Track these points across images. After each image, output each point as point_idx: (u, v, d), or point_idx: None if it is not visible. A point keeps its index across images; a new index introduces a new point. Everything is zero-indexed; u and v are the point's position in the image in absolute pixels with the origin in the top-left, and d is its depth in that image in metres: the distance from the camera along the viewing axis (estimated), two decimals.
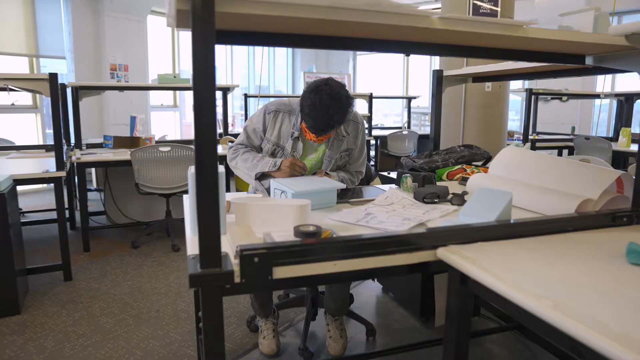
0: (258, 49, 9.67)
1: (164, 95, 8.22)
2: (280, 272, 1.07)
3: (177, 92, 8.37)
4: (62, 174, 2.80)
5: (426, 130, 8.11)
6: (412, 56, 10.12)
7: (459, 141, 3.45)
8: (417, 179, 1.95)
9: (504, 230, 1.30)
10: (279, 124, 1.92)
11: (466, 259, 1.13)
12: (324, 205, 1.65)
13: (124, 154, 3.66)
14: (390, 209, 1.64)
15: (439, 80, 2.85)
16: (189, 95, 9.39)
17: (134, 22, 7.17)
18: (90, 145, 4.28)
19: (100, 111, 7.06)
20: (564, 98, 5.59)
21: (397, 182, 2.10)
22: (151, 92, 7.71)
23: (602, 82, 6.94)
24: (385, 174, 2.74)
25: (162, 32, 8.05)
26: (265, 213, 1.32)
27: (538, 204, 1.60)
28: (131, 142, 4.30)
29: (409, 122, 8.01)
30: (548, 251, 1.20)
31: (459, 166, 2.40)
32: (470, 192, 1.84)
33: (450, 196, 1.80)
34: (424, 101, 9.80)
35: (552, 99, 6.57)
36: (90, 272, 3.17)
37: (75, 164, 3.50)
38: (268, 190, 1.75)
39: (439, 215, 1.54)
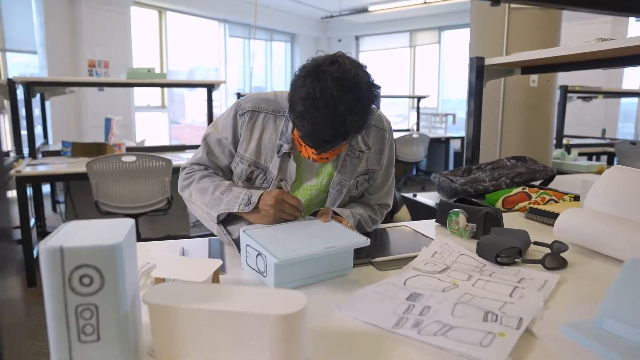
0: (254, 48, 8.98)
1: (151, 95, 7.53)
2: None
3: (165, 91, 7.69)
4: None
5: (437, 133, 7.41)
6: (417, 53, 9.46)
7: (497, 149, 2.76)
8: (475, 217, 1.26)
9: None
10: (259, 131, 1.19)
11: None
12: (332, 276, 0.96)
13: (81, 165, 2.96)
14: (448, 281, 0.94)
15: (479, 71, 2.16)
16: (180, 95, 8.71)
17: (115, 13, 6.48)
18: (48, 153, 3.59)
19: (77, 112, 6.37)
20: (601, 96, 4.90)
21: (439, 217, 1.41)
22: (136, 91, 7.03)
23: None
24: (409, 195, 2.05)
25: (148, 26, 7.36)
26: (210, 329, 0.62)
27: None
28: (97, 149, 3.61)
29: (418, 124, 7.31)
30: None
31: (518, 189, 1.71)
32: (565, 241, 1.15)
33: (540, 253, 1.11)
34: (432, 101, 9.12)
35: (577, 97, 5.90)
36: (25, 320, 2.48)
37: (15, 179, 2.80)
38: (238, 243, 1.06)
39: (543, 301, 0.85)
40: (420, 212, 1.90)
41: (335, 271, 0.96)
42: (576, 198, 1.64)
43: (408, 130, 7.06)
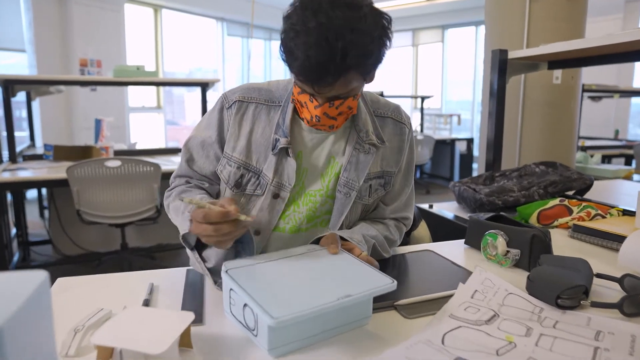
0: (253, 47, 8.74)
1: (146, 96, 7.29)
2: None
3: (161, 91, 7.45)
4: None
5: (441, 134, 7.17)
6: (420, 52, 9.21)
7: (515, 152, 2.52)
8: (518, 241, 1.02)
9: None
10: (249, 124, 0.98)
11: None
12: (344, 330, 0.72)
13: (62, 170, 2.72)
14: (501, 336, 0.70)
15: (502, 65, 1.92)
16: (180, 96, 8.47)
17: (109, 11, 6.24)
18: (30, 157, 3.34)
19: (68, 113, 6.13)
20: (617, 95, 4.66)
21: (469, 237, 1.17)
22: (130, 92, 6.79)
23: None
24: (424, 206, 1.81)
25: (143, 24, 7.13)
26: None
27: None
28: (82, 153, 3.37)
29: (422, 125, 7.07)
30: None
31: (555, 201, 1.47)
32: (635, 272, 0.90)
33: (608, 290, 0.86)
34: (435, 102, 8.87)
35: (588, 97, 5.67)
36: None
37: None
38: (214, 272, 0.80)
39: None
40: (437, 226, 1.66)
41: (349, 324, 0.72)
42: (626, 212, 1.40)
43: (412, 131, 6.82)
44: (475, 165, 6.99)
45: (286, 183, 0.97)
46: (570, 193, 1.73)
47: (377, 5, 0.84)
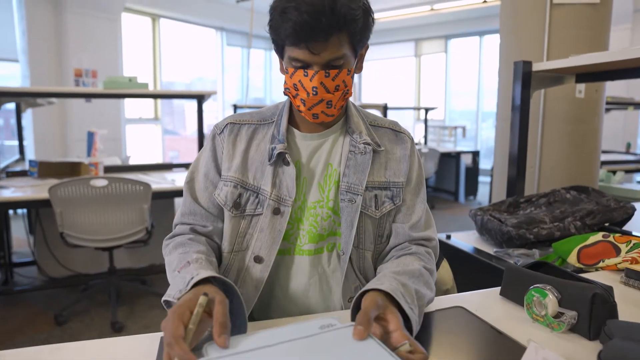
0: (253, 57, 8.59)
1: (143, 106, 7.12)
2: None
3: (159, 103, 7.28)
4: None
5: (446, 147, 6.98)
6: (422, 63, 9.07)
7: (535, 171, 2.33)
8: (574, 300, 0.81)
9: None
10: (244, 143, 0.95)
11: None
12: None
13: (45, 189, 2.52)
14: None
15: (526, 77, 1.73)
16: (180, 107, 8.31)
17: (104, 20, 6.09)
18: (14, 174, 3.15)
19: (63, 125, 5.95)
20: (631, 108, 4.48)
21: (506, 288, 0.97)
22: (127, 103, 6.62)
23: None
24: (442, 237, 1.60)
25: (140, 34, 6.98)
26: None
27: None
28: (70, 169, 3.20)
29: (425, 138, 6.89)
30: None
31: (597, 236, 1.26)
32: None
33: None
34: (438, 113, 8.69)
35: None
36: None
37: None
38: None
39: None
40: (455, 259, 1.46)
41: None
42: None
43: (416, 144, 6.63)
44: (481, 179, 6.79)
45: (286, 196, 0.91)
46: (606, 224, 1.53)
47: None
